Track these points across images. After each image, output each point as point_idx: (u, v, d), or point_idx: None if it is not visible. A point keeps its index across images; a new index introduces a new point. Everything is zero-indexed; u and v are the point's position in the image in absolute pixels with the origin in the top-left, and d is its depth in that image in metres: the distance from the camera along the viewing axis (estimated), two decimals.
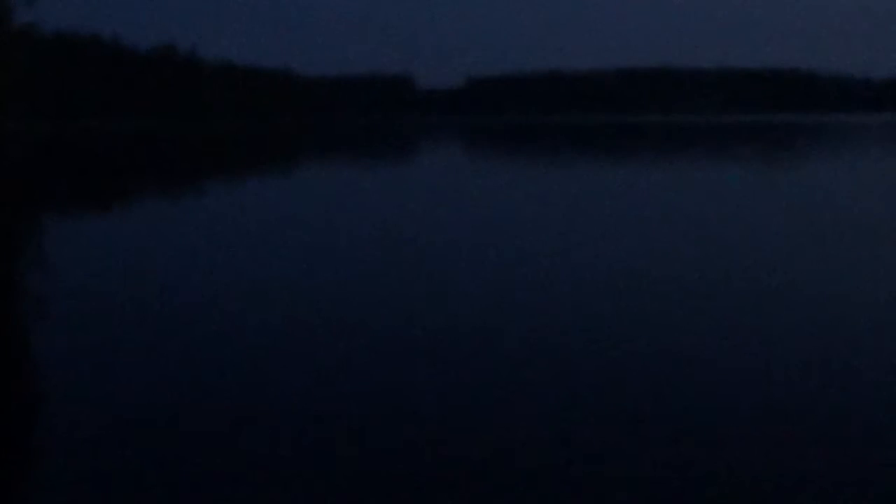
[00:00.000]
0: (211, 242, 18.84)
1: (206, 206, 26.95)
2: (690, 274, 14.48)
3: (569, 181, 35.08)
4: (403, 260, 16.23)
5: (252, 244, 18.54)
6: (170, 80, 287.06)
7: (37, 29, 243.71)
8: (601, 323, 11.19)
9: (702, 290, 13.17)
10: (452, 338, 10.50)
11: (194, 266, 15.81)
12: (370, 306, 12.24)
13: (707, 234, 19.24)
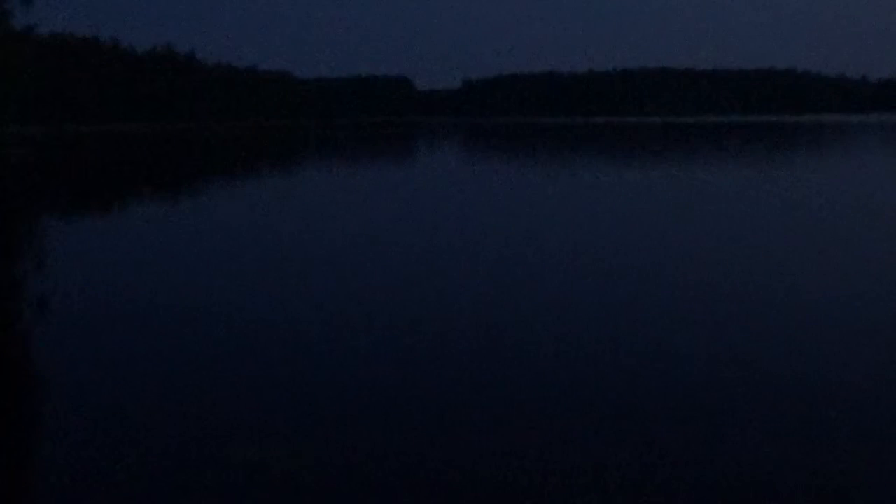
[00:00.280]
0: (235, 241, 19.33)
1: (230, 205, 27.38)
2: (675, 267, 15.02)
3: (568, 179, 35.44)
4: (413, 251, 16.75)
5: (266, 243, 19.02)
6: (168, 83, 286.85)
7: (35, 31, 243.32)
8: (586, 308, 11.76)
9: (686, 283, 13.72)
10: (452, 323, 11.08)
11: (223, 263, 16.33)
12: (388, 295, 12.84)
13: (703, 232, 19.71)
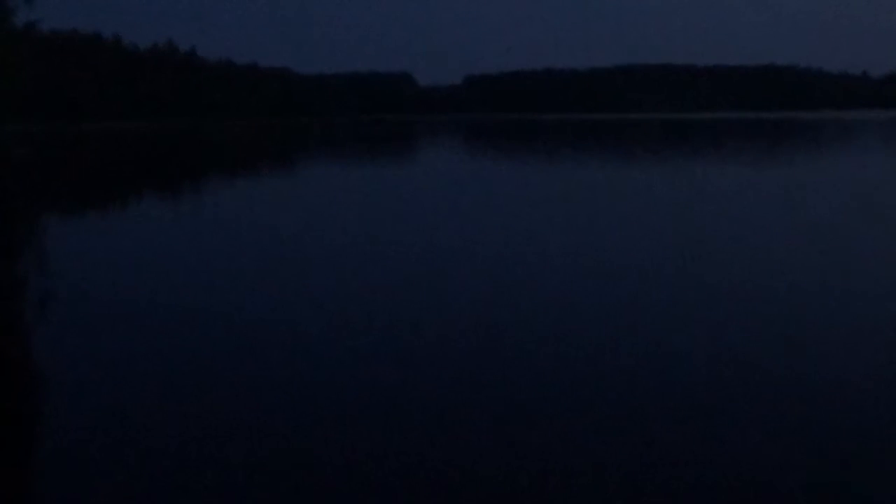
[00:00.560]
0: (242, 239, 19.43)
1: (236, 203, 27.49)
2: (670, 264, 15.12)
3: (571, 178, 35.55)
4: (418, 246, 16.87)
5: (268, 242, 19.12)
6: (170, 80, 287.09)
7: (36, 28, 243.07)
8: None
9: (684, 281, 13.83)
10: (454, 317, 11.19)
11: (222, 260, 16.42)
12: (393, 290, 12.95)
13: (701, 230, 19.81)
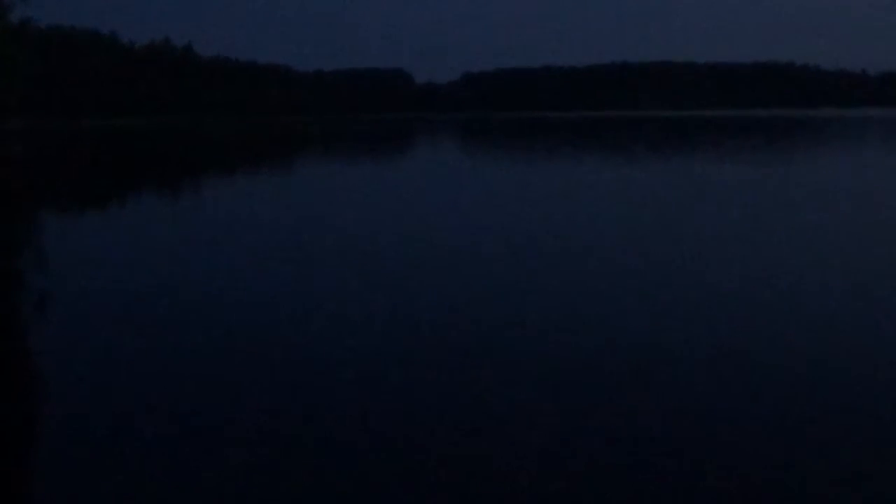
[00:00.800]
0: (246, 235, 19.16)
1: (237, 200, 27.26)
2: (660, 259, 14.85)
3: (567, 174, 35.42)
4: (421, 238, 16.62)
5: (264, 241, 18.86)
6: (167, 76, 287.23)
7: (33, 24, 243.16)
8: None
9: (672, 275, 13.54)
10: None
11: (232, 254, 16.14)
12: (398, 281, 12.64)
13: (697, 228, 19.57)
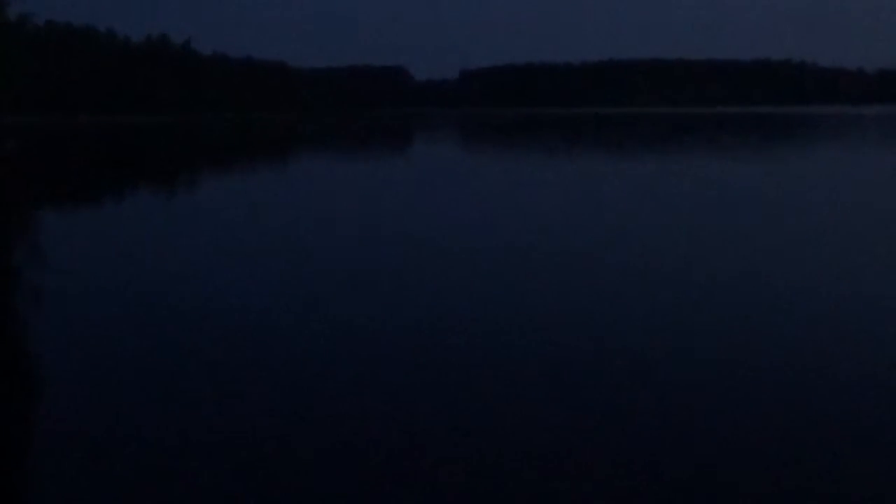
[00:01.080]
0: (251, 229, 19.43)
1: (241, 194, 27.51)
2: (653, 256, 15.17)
3: (565, 171, 35.64)
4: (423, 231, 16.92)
5: (262, 237, 19.14)
6: (164, 73, 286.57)
7: (30, 20, 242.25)
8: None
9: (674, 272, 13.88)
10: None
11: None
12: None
13: (694, 226, 19.86)
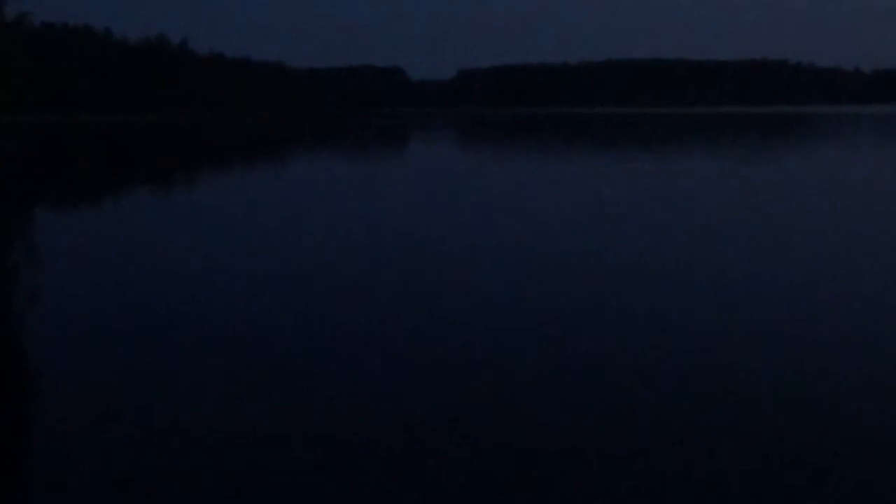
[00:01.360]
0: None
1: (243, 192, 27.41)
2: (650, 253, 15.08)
3: (563, 169, 35.61)
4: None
5: (262, 237, 19.05)
6: (161, 73, 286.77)
7: (27, 21, 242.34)
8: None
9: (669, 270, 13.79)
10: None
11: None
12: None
13: (690, 224, 19.78)
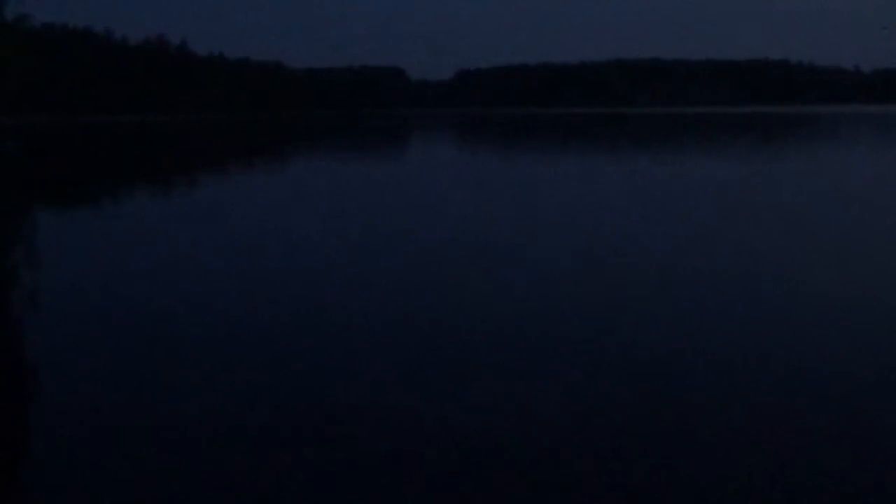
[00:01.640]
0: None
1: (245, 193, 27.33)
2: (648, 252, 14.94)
3: (563, 169, 35.56)
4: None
5: (265, 239, 18.93)
6: (161, 73, 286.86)
7: (27, 22, 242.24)
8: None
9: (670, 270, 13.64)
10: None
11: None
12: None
13: (688, 223, 19.66)
